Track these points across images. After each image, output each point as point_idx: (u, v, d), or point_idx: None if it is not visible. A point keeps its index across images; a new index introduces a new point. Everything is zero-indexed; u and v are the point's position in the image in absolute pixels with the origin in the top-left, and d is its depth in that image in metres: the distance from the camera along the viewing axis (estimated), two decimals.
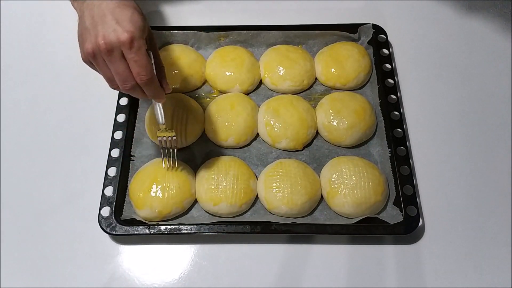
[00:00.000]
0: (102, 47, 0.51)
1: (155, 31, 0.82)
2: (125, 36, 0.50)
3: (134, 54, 0.52)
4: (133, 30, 0.51)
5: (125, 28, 0.51)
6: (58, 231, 0.68)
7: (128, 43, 0.51)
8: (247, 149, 0.75)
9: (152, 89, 0.56)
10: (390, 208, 0.68)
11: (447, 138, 0.76)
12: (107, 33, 0.51)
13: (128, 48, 0.51)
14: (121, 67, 0.53)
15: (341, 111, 0.73)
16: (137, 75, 0.53)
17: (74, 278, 0.65)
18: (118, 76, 0.53)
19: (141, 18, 0.54)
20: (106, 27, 0.51)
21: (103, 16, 0.52)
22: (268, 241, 0.67)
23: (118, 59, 0.52)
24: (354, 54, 0.79)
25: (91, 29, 0.52)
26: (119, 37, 0.51)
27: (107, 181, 0.68)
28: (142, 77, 0.53)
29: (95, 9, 0.53)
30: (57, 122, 0.78)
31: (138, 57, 0.52)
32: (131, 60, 0.52)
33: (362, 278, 0.64)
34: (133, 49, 0.51)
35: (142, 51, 0.52)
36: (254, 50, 0.84)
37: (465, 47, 0.85)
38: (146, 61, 0.53)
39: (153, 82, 0.55)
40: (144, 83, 0.54)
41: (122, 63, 0.52)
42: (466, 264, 0.65)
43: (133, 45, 0.51)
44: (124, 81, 0.54)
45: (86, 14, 0.54)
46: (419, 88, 0.81)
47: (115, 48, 0.51)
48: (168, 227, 0.64)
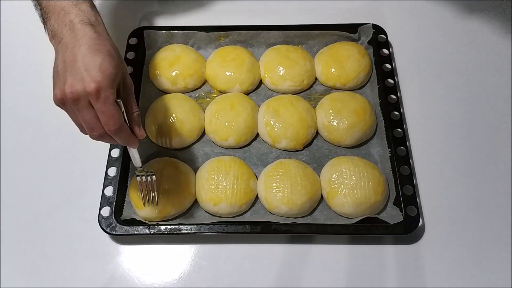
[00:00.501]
0: (69, 96, 0.50)
1: (155, 31, 0.82)
2: (91, 87, 0.49)
3: (101, 104, 0.50)
4: (100, 80, 0.50)
5: (92, 77, 0.50)
6: (58, 231, 0.68)
7: (94, 93, 0.50)
8: (247, 149, 0.75)
9: (122, 137, 0.54)
10: (390, 208, 0.68)
11: (447, 138, 0.76)
12: (74, 81, 0.50)
13: (94, 98, 0.50)
14: (88, 116, 0.52)
15: (341, 111, 0.73)
16: (105, 125, 0.52)
17: (74, 278, 0.65)
18: (86, 125, 0.53)
19: (112, 65, 0.52)
20: (74, 74, 0.50)
21: (73, 62, 0.51)
22: (268, 241, 0.67)
23: (85, 108, 0.51)
24: (354, 54, 0.79)
25: (61, 75, 0.52)
26: (85, 87, 0.50)
27: (107, 181, 0.68)
28: (110, 127, 0.52)
29: (67, 53, 0.52)
30: (57, 122, 0.78)
31: (105, 107, 0.51)
32: (98, 110, 0.51)
33: (362, 278, 0.64)
34: (100, 99, 0.50)
35: (109, 102, 0.51)
36: (254, 50, 0.84)
37: (465, 47, 0.85)
38: (113, 111, 0.51)
39: (122, 131, 0.53)
40: (112, 132, 0.52)
41: (89, 112, 0.51)
42: (466, 264, 0.65)
43: (99, 95, 0.50)
44: (91, 130, 0.53)
45: (59, 56, 0.53)
46: (419, 88, 0.81)
47: (81, 97, 0.50)
48: (168, 227, 0.64)
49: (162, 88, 0.80)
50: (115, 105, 0.52)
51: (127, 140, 0.56)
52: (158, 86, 0.80)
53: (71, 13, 0.55)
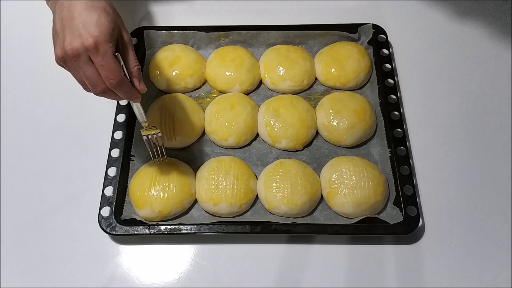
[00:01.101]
0: (69, 53, 0.51)
1: (155, 31, 0.82)
2: (89, 42, 0.50)
3: (101, 58, 0.51)
4: (97, 34, 0.51)
5: (90, 32, 0.51)
6: (58, 231, 0.68)
7: (93, 48, 0.51)
8: (247, 149, 0.75)
9: (124, 91, 0.55)
10: (390, 208, 0.68)
11: (447, 138, 0.76)
12: (73, 38, 0.51)
13: (94, 53, 0.51)
14: (89, 71, 0.53)
15: (341, 111, 0.73)
16: (106, 79, 0.53)
17: (74, 278, 0.65)
18: (88, 81, 0.54)
19: (109, 20, 0.53)
20: (72, 31, 0.51)
21: (71, 20, 0.52)
22: (268, 241, 0.67)
23: (86, 63, 0.52)
24: (354, 54, 0.79)
25: (60, 33, 0.53)
26: (83, 43, 0.51)
27: (107, 181, 0.68)
28: (111, 81, 0.53)
29: (64, 12, 0.53)
30: (57, 122, 0.78)
31: (105, 61, 0.52)
32: (98, 64, 0.52)
33: (362, 278, 0.64)
34: (99, 53, 0.51)
35: (108, 55, 0.52)
36: (254, 50, 0.84)
37: (465, 47, 0.85)
38: (113, 65, 0.52)
39: (123, 84, 0.54)
40: (113, 86, 0.54)
41: (90, 67, 0.52)
42: (466, 264, 0.65)
43: (98, 49, 0.51)
44: (94, 86, 0.54)
45: (57, 16, 0.54)
46: (419, 88, 0.81)
47: (81, 53, 0.51)
48: (168, 227, 0.64)
49: (162, 88, 0.80)
50: (114, 59, 0.53)
51: (129, 94, 0.56)
52: (158, 86, 0.80)
53: None
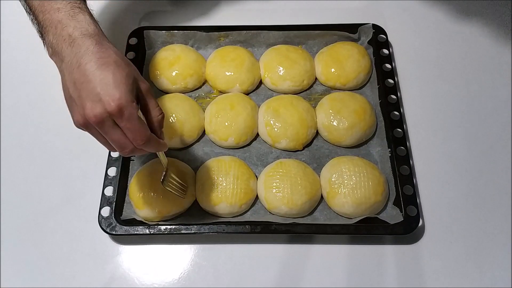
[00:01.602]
0: (92, 120, 0.48)
1: (155, 31, 0.82)
2: (112, 107, 0.47)
3: (126, 122, 0.49)
4: (119, 96, 0.47)
5: (110, 96, 0.47)
6: (58, 231, 0.68)
7: (117, 112, 0.48)
8: (247, 149, 0.75)
9: (152, 147, 0.53)
10: (390, 208, 0.68)
11: (447, 138, 0.76)
12: (94, 104, 0.48)
13: (118, 117, 0.48)
14: (116, 135, 0.50)
15: (341, 111, 0.73)
16: (133, 140, 0.50)
17: (74, 278, 0.65)
18: (115, 144, 0.51)
19: (124, 76, 0.49)
20: (91, 96, 0.48)
21: (86, 83, 0.48)
22: (268, 241, 0.67)
23: (111, 128, 0.49)
24: (354, 54, 0.79)
25: (76, 99, 0.49)
26: (106, 108, 0.47)
27: (107, 181, 0.68)
28: (138, 142, 0.50)
29: (75, 73, 0.50)
30: (58, 122, 0.78)
31: (130, 124, 0.49)
32: (124, 128, 0.49)
33: (362, 278, 0.64)
34: (124, 117, 0.48)
35: (133, 117, 0.49)
36: (254, 50, 0.84)
37: (465, 47, 0.85)
38: (139, 126, 0.50)
39: (151, 142, 0.52)
40: (141, 146, 0.51)
41: (116, 131, 0.50)
42: (466, 264, 0.65)
43: (123, 113, 0.48)
44: (122, 148, 0.51)
45: (67, 77, 0.51)
46: (419, 88, 0.81)
47: (105, 119, 0.48)
48: (168, 227, 0.64)
49: (162, 88, 0.80)
50: (140, 119, 0.50)
51: (156, 148, 0.54)
52: (158, 86, 0.80)
53: (68, 26, 0.53)
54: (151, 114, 0.53)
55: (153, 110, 0.54)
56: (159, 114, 0.54)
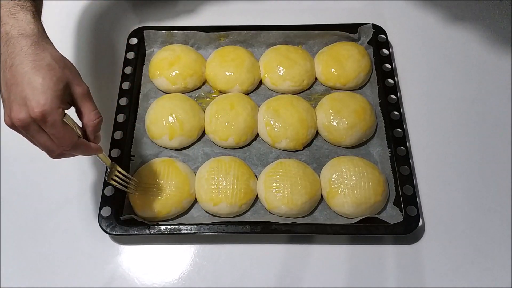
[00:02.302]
0: (17, 123, 0.48)
1: (155, 31, 0.82)
2: (36, 113, 0.47)
3: (50, 128, 0.48)
4: (43, 103, 0.47)
5: (35, 101, 0.47)
6: (58, 231, 0.68)
7: (40, 118, 0.47)
8: (247, 149, 0.75)
9: (81, 151, 0.53)
10: (390, 208, 0.68)
11: (447, 138, 0.76)
12: (19, 108, 0.47)
13: (42, 123, 0.48)
14: (42, 139, 0.50)
15: (341, 111, 0.73)
16: (59, 146, 0.50)
17: (74, 278, 0.65)
18: (42, 148, 0.51)
19: (54, 81, 0.48)
20: (17, 100, 0.48)
21: (15, 85, 0.48)
22: (268, 241, 0.67)
23: (37, 132, 0.49)
24: (354, 54, 0.79)
25: (6, 100, 0.49)
26: (30, 114, 0.47)
27: (107, 181, 0.68)
28: (64, 148, 0.50)
29: (7, 73, 0.49)
30: None
31: (54, 130, 0.49)
32: (49, 133, 0.49)
33: (362, 278, 0.64)
34: (47, 123, 0.48)
35: (57, 124, 0.48)
36: (254, 50, 0.84)
37: (465, 47, 0.85)
38: (64, 132, 0.49)
39: (78, 147, 0.52)
40: (69, 151, 0.51)
41: (42, 135, 0.49)
42: (466, 264, 0.65)
43: (46, 120, 0.48)
44: (49, 152, 0.51)
45: (1, 77, 0.50)
46: (419, 88, 0.81)
47: (29, 124, 0.48)
48: (168, 227, 0.64)
49: (162, 88, 0.80)
50: (65, 125, 0.50)
51: (87, 151, 0.54)
52: (158, 86, 0.80)
53: (7, 24, 0.51)
54: (86, 118, 0.53)
55: (88, 115, 0.53)
56: (94, 118, 0.53)
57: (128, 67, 0.79)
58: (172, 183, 0.67)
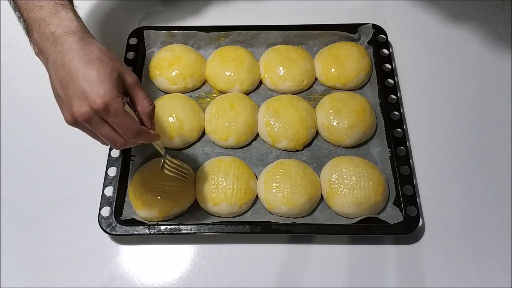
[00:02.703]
0: (80, 118, 0.49)
1: (155, 31, 0.82)
2: (98, 104, 0.48)
3: (113, 117, 0.49)
4: (103, 93, 0.48)
5: (95, 93, 0.48)
6: (58, 231, 0.68)
7: (103, 109, 0.48)
8: (247, 149, 0.75)
9: (143, 139, 0.54)
10: (390, 208, 0.68)
11: (447, 138, 0.76)
12: (80, 103, 0.48)
13: (105, 114, 0.49)
14: (105, 131, 0.51)
15: (341, 111, 0.73)
16: (123, 135, 0.51)
17: (74, 278, 0.65)
18: (106, 139, 0.52)
19: (109, 71, 0.49)
20: (76, 95, 0.48)
21: (71, 81, 0.49)
22: (268, 241, 0.67)
23: (100, 124, 0.50)
24: (354, 54, 0.79)
25: (64, 98, 0.50)
26: (92, 106, 0.48)
27: (107, 181, 0.68)
28: (128, 136, 0.51)
29: (60, 72, 0.50)
30: (57, 122, 0.77)
31: (118, 119, 0.49)
32: (112, 123, 0.50)
33: (362, 278, 0.64)
34: (110, 113, 0.49)
35: (119, 113, 0.49)
36: (254, 50, 0.84)
37: (465, 47, 0.85)
38: (127, 120, 0.50)
39: (141, 134, 0.53)
40: (132, 139, 0.52)
41: (105, 127, 0.50)
42: (466, 264, 0.65)
43: (109, 110, 0.48)
44: (113, 143, 0.52)
45: (53, 76, 0.51)
46: (419, 88, 0.81)
47: (93, 117, 0.49)
48: (168, 227, 0.64)
49: (162, 88, 0.80)
50: (127, 113, 0.50)
51: (148, 139, 0.55)
52: (158, 86, 0.80)
53: (51, 24, 0.53)
54: (140, 106, 0.54)
55: (141, 102, 0.54)
56: (148, 106, 0.54)
57: (128, 67, 0.79)
58: (172, 183, 0.67)
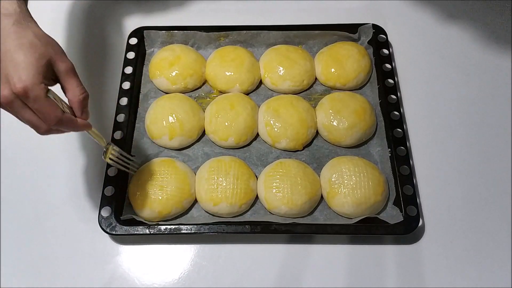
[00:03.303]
0: (1, 100, 0.49)
1: (155, 31, 0.82)
2: (17, 88, 0.48)
3: (33, 103, 0.49)
4: (25, 78, 0.48)
5: (18, 78, 0.48)
6: (58, 231, 0.68)
7: (22, 94, 0.48)
8: (247, 149, 0.75)
9: (67, 127, 0.53)
10: (390, 208, 0.68)
11: (447, 138, 0.76)
12: (3, 86, 0.49)
13: (25, 99, 0.49)
14: (27, 115, 0.50)
15: (341, 111, 0.73)
16: (44, 121, 0.51)
17: (74, 278, 0.65)
18: (28, 124, 0.52)
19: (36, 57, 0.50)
20: (1, 77, 0.49)
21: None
22: (268, 241, 0.67)
23: (21, 108, 0.50)
24: (354, 54, 0.79)
25: None
26: (12, 90, 0.48)
27: (107, 181, 0.68)
28: (49, 123, 0.51)
29: None
30: None
31: (38, 105, 0.49)
32: (33, 108, 0.50)
33: (362, 278, 0.64)
34: (30, 99, 0.49)
35: (39, 99, 0.49)
36: (254, 50, 0.84)
37: (465, 47, 0.85)
38: (47, 107, 0.50)
39: (64, 122, 0.52)
40: (55, 125, 0.52)
41: (26, 111, 0.50)
42: (466, 264, 0.65)
43: (28, 95, 0.48)
44: (36, 128, 0.52)
45: None
46: (419, 88, 0.81)
47: (13, 100, 0.49)
48: (168, 227, 0.64)
49: (162, 88, 0.80)
50: (48, 100, 0.50)
51: (74, 127, 0.54)
52: (158, 86, 0.80)
53: None
54: (71, 94, 0.53)
55: (72, 90, 0.53)
56: (80, 94, 0.54)
57: (128, 67, 0.79)
58: (172, 183, 0.67)
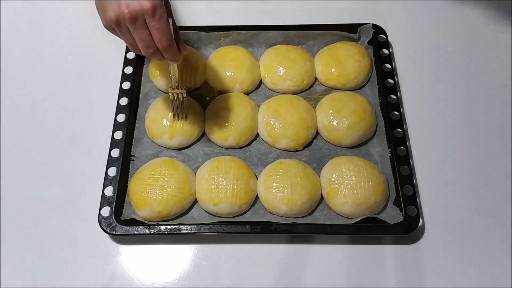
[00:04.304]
0: (127, 16, 0.53)
1: None
2: (148, 5, 0.52)
3: (156, 21, 0.54)
4: None
5: None
6: (58, 231, 0.68)
7: (151, 11, 0.53)
8: (247, 149, 0.75)
9: (171, 53, 0.58)
10: (390, 208, 0.68)
11: (447, 138, 0.76)
12: (130, 2, 0.53)
13: (151, 16, 0.53)
14: (144, 34, 0.55)
15: (341, 111, 0.73)
16: (158, 42, 0.56)
17: (74, 278, 0.65)
18: (142, 43, 0.56)
19: None
20: None
21: None
22: (268, 241, 0.67)
23: (142, 26, 0.54)
24: (354, 54, 0.79)
25: None
26: (142, 6, 0.53)
27: (107, 181, 0.68)
28: (163, 43, 0.56)
29: None
30: (57, 122, 0.78)
31: (160, 24, 0.54)
32: (153, 27, 0.54)
33: (362, 278, 0.64)
34: (156, 17, 0.53)
35: (163, 19, 0.54)
36: (254, 50, 0.84)
37: (465, 47, 0.85)
38: (167, 28, 0.55)
39: (172, 47, 0.57)
40: (164, 48, 0.57)
41: (145, 30, 0.55)
42: (466, 264, 0.65)
43: (155, 13, 0.53)
44: (147, 47, 0.57)
45: None
46: (419, 88, 0.81)
47: (139, 16, 0.53)
48: (168, 227, 0.64)
49: (162, 88, 0.80)
50: (167, 22, 0.55)
51: (174, 55, 0.60)
52: (158, 86, 0.80)
53: None
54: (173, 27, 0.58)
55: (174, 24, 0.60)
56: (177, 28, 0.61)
57: (128, 67, 0.79)
58: (172, 183, 0.67)
